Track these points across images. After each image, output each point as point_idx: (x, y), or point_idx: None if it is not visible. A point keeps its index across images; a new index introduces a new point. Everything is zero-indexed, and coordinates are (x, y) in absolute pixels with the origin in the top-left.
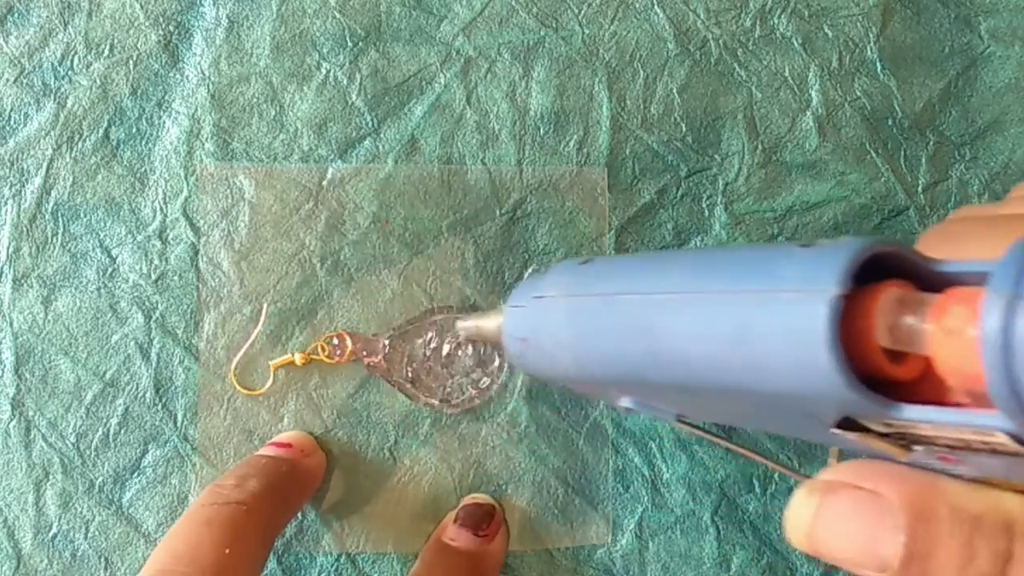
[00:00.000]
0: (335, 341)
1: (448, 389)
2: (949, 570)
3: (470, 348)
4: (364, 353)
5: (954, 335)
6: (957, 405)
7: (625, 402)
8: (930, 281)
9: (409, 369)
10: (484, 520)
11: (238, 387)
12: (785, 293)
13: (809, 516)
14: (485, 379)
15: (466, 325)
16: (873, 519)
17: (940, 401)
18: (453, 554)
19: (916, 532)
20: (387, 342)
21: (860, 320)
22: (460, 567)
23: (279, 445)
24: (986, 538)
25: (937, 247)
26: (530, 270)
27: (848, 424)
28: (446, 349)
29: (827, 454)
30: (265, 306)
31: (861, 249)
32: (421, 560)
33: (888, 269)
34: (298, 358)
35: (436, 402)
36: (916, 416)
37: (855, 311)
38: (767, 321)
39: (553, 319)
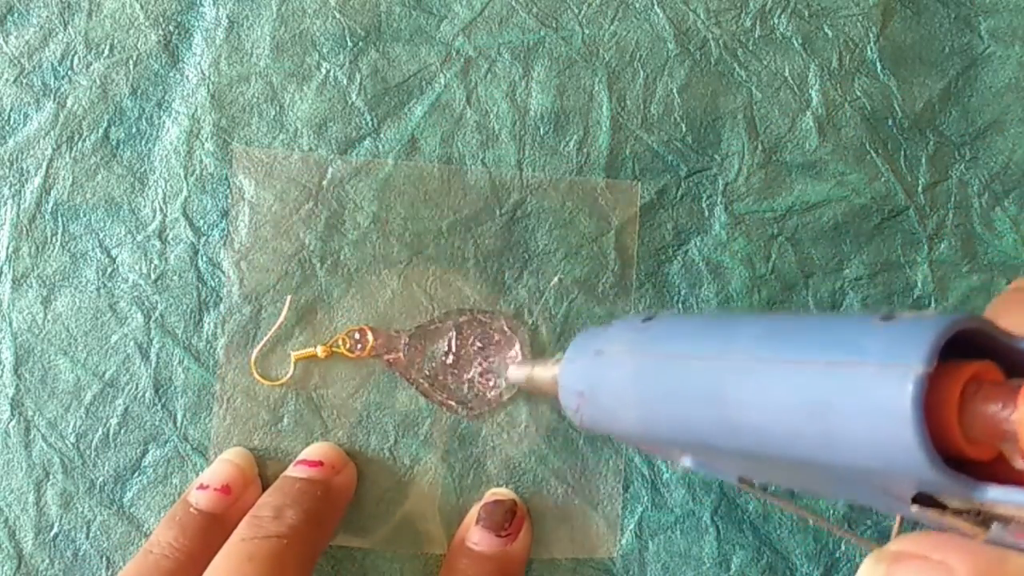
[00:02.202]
0: (356, 336)
1: (466, 392)
2: None
3: (490, 352)
4: (384, 349)
5: None
6: None
7: (687, 461)
8: (1011, 358)
9: (428, 368)
10: (506, 519)
11: (259, 378)
12: (868, 367)
13: None
14: (503, 384)
15: (518, 374)
16: None
17: (1020, 479)
18: (477, 559)
19: None
20: (407, 339)
21: (942, 399)
22: (485, 573)
23: (310, 464)
24: None
25: (1008, 315)
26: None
27: (926, 500)
28: (466, 351)
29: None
30: (288, 299)
31: (948, 326)
32: (446, 566)
33: (970, 344)
34: (320, 351)
35: (453, 403)
36: (999, 497)
37: (937, 389)
38: (847, 395)
39: (616, 377)
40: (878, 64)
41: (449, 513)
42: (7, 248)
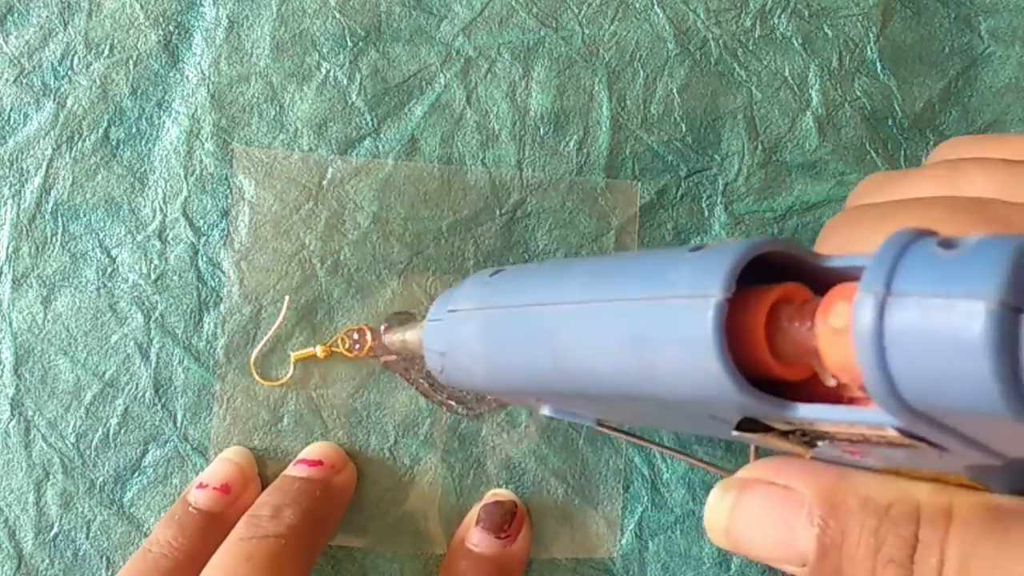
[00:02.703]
0: (355, 336)
1: (466, 392)
2: (861, 559)
3: None
4: (383, 350)
5: (839, 333)
6: (852, 401)
7: (545, 410)
8: (820, 278)
9: (427, 368)
10: (505, 521)
11: (258, 378)
12: (674, 299)
13: (725, 513)
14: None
15: (392, 339)
16: (787, 514)
17: (837, 397)
18: (476, 561)
19: (828, 524)
20: (385, 325)
21: (748, 323)
22: (484, 574)
23: (310, 463)
24: (894, 525)
25: (836, 237)
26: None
27: (750, 425)
28: None
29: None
30: (286, 299)
31: (746, 251)
32: (445, 568)
33: (783, 268)
34: (319, 350)
35: (453, 403)
36: (809, 415)
37: (743, 314)
38: (661, 328)
39: (466, 332)
40: (878, 64)
41: (449, 513)
42: (7, 248)
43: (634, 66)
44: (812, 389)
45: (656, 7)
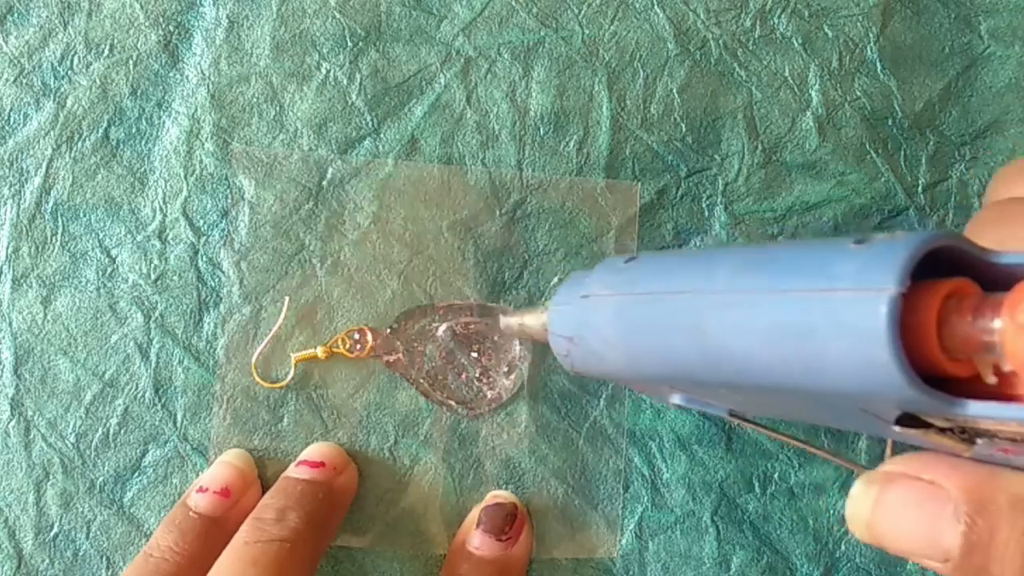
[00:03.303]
0: (356, 336)
1: (466, 392)
2: (1010, 558)
3: (490, 352)
4: (384, 350)
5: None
6: (1014, 399)
7: (676, 399)
8: (988, 274)
9: (428, 368)
10: (506, 523)
11: (259, 380)
12: (842, 292)
13: (868, 507)
14: (503, 384)
15: (509, 322)
16: (932, 509)
17: (998, 395)
18: (477, 563)
19: (976, 522)
20: (391, 329)
21: (920, 318)
22: None
23: (312, 465)
24: None
25: (986, 233)
26: (565, 275)
27: (909, 420)
28: (465, 351)
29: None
30: (286, 299)
31: (919, 245)
32: (446, 570)
33: (947, 261)
34: (320, 351)
35: (453, 403)
36: (981, 412)
37: (914, 309)
38: (825, 321)
39: (601, 318)
40: (878, 64)
41: (449, 513)
42: (7, 248)
43: (634, 66)
44: (974, 386)
45: (656, 7)
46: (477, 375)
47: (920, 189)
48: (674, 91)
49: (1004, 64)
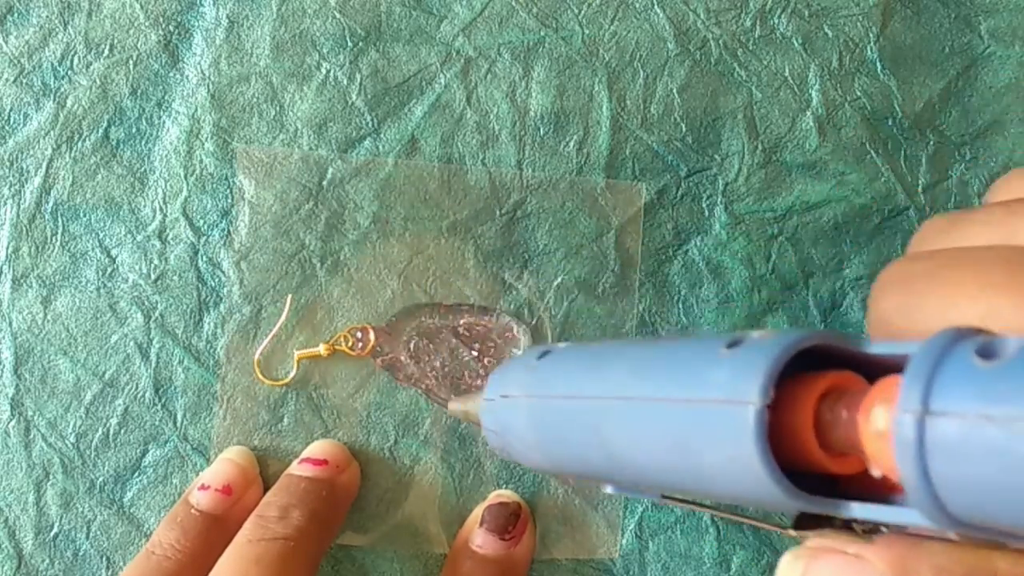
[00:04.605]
0: (358, 334)
1: (466, 391)
2: None
3: (491, 353)
4: (385, 349)
5: (882, 436)
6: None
7: (608, 488)
8: (867, 364)
9: (428, 368)
10: (509, 522)
11: (262, 378)
12: (714, 404)
13: None
14: None
15: (455, 408)
16: None
17: (892, 487)
18: (480, 562)
19: None
20: (387, 325)
21: (795, 420)
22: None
23: (315, 462)
24: None
25: (891, 297)
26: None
27: (808, 521)
28: (466, 352)
29: None
30: (288, 298)
31: (783, 351)
32: (448, 568)
33: (828, 350)
34: (323, 349)
35: None
36: (860, 514)
37: (790, 410)
38: (702, 432)
39: (516, 420)
40: (878, 64)
41: (449, 513)
42: (7, 248)
43: (634, 66)
44: (868, 479)
45: (656, 7)
46: (479, 375)
47: (920, 189)
48: (674, 91)
49: (1004, 64)
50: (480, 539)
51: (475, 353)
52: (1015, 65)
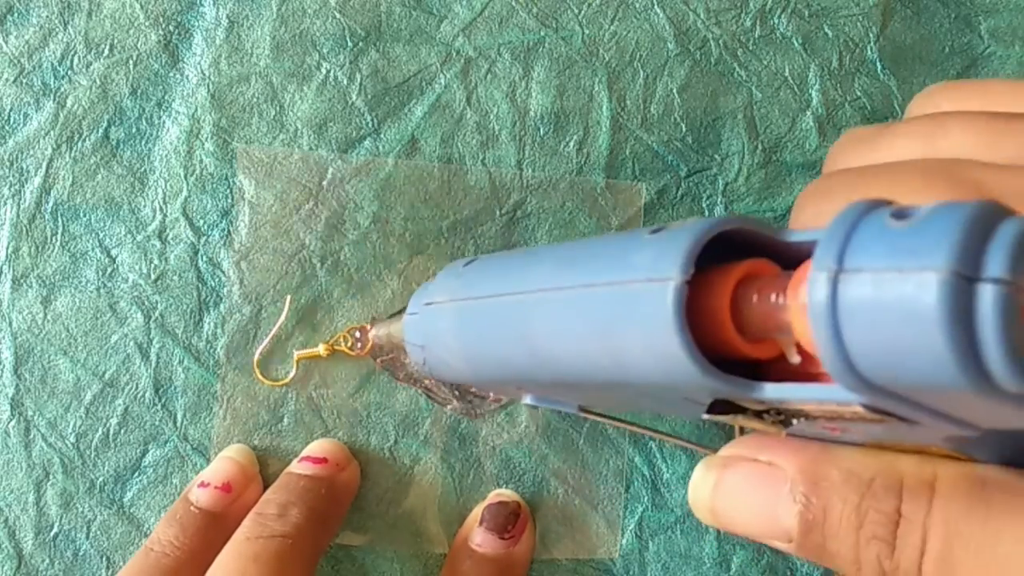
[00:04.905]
0: (357, 334)
1: (466, 392)
2: (844, 535)
3: None
4: (380, 351)
5: (805, 310)
6: (821, 378)
7: (527, 399)
8: (786, 254)
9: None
10: (509, 522)
11: (261, 378)
12: (634, 284)
13: (709, 491)
14: None
15: (378, 333)
16: (770, 490)
17: (806, 375)
18: (480, 561)
19: (810, 500)
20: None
21: (713, 303)
22: (487, 575)
23: (315, 461)
24: (877, 500)
25: (808, 208)
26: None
27: (722, 407)
28: None
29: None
30: (288, 298)
31: (703, 231)
32: (448, 567)
33: (748, 244)
34: (322, 349)
35: (455, 402)
36: (776, 394)
37: (708, 294)
38: (624, 314)
39: (442, 325)
40: (878, 64)
41: (449, 513)
42: (7, 248)
43: (634, 66)
44: (782, 367)
45: (656, 7)
46: None
47: None
48: (674, 91)
49: (1004, 64)
50: (479, 538)
51: None
52: (1015, 65)
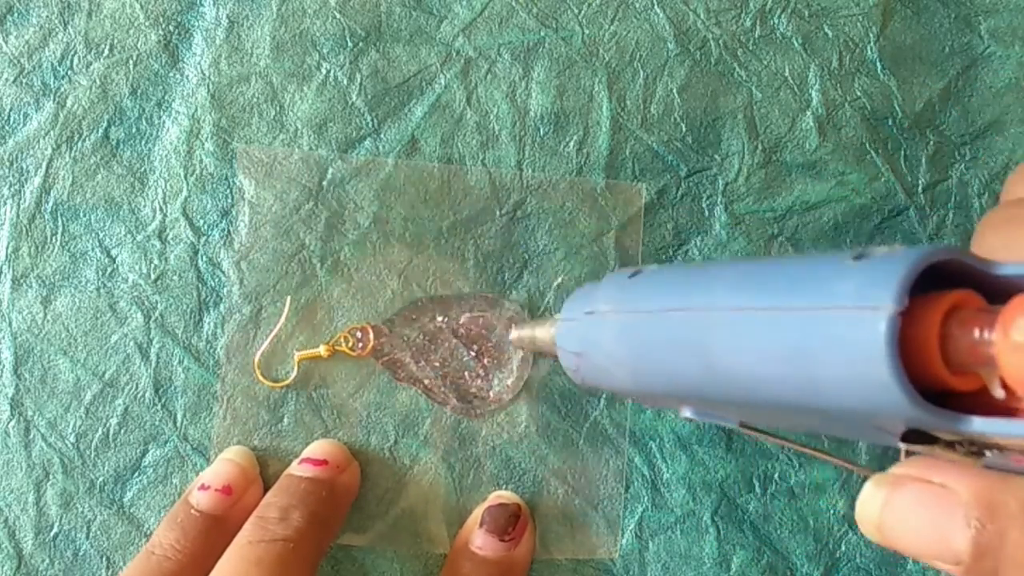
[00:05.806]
0: (358, 334)
1: (467, 392)
2: (1021, 562)
3: (491, 351)
4: (385, 349)
5: (1018, 348)
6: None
7: (686, 412)
8: (991, 284)
9: (428, 367)
10: (509, 524)
11: (262, 379)
12: (841, 311)
13: (877, 508)
14: (504, 384)
15: (521, 334)
16: (942, 512)
17: (1006, 409)
18: (480, 563)
19: (986, 526)
20: (389, 324)
21: (921, 334)
22: None
23: (315, 463)
24: None
25: (993, 238)
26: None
27: (915, 436)
28: (465, 351)
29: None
30: (288, 299)
31: (917, 261)
32: (448, 568)
33: (951, 272)
34: (323, 349)
35: (456, 402)
36: (984, 429)
37: (916, 324)
38: (824, 340)
39: (606, 335)
40: (878, 64)
41: (449, 513)
42: (7, 248)
43: (634, 66)
44: (980, 399)
45: (656, 7)
46: (478, 375)
47: (920, 189)
48: (674, 91)
49: (1004, 64)
50: (480, 540)
51: (473, 353)
52: (1015, 65)
